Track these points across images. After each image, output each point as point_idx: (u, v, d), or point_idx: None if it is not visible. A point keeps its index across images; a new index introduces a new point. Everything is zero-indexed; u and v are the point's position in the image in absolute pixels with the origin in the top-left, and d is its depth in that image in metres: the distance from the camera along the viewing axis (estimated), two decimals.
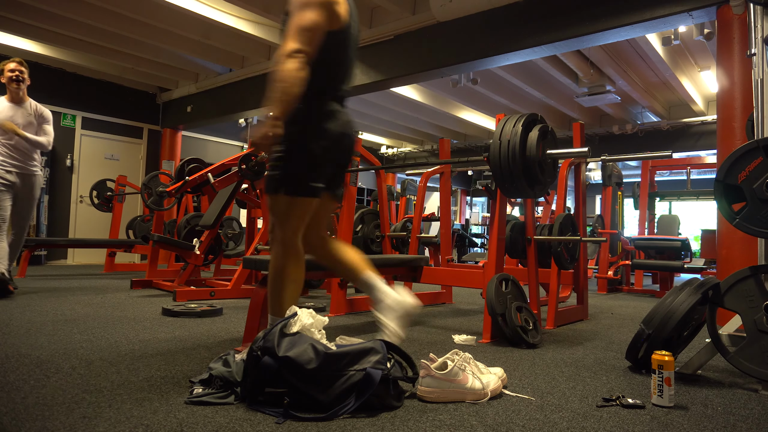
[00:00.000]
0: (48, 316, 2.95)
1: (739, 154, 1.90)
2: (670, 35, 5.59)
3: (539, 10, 4.73)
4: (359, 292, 4.73)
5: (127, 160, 8.67)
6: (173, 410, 1.44)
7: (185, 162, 5.21)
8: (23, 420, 1.33)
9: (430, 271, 3.18)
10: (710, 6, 3.94)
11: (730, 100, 3.83)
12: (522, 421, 1.46)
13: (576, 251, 3.44)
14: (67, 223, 7.99)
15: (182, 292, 3.81)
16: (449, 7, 5.08)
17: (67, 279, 5.27)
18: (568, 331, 3.05)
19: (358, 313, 3.50)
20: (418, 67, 5.59)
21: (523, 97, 8.35)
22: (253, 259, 2.38)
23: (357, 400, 1.45)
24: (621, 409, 1.60)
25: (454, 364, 1.62)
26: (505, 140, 2.55)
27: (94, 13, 5.92)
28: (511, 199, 3.72)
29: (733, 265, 3.29)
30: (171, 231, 5.73)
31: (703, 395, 1.79)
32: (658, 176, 10.79)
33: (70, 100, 7.92)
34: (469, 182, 14.34)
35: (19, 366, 1.85)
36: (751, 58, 2.08)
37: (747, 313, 1.88)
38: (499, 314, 2.53)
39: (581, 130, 3.75)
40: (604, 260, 5.75)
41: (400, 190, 8.01)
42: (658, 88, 8.01)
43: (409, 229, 5.14)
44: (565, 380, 1.92)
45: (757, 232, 1.87)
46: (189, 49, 6.89)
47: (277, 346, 1.49)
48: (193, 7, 5.64)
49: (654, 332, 1.98)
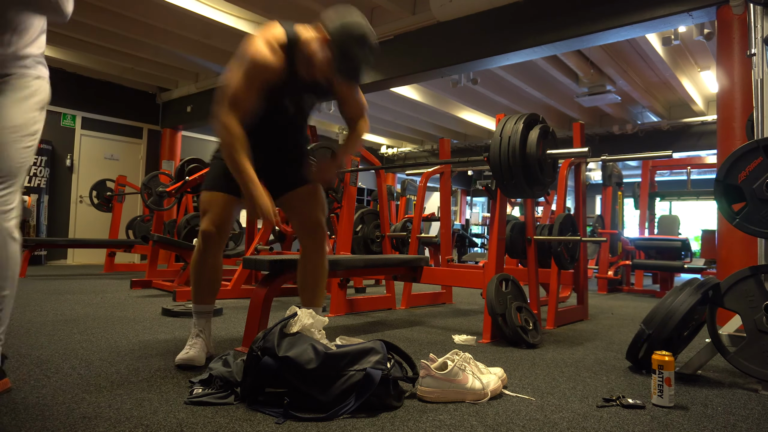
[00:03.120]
0: (48, 316, 2.95)
1: (739, 154, 1.90)
2: (670, 35, 5.59)
3: (539, 10, 4.73)
4: (359, 292, 4.74)
5: (126, 160, 8.67)
6: (173, 410, 1.44)
7: (185, 162, 5.21)
8: (23, 420, 1.33)
9: (430, 271, 3.18)
10: (710, 6, 3.95)
11: (730, 100, 3.83)
12: (522, 421, 1.46)
13: (576, 251, 3.43)
14: (67, 223, 7.99)
15: (182, 292, 3.81)
16: (449, 7, 5.09)
17: (67, 279, 5.27)
18: (569, 331, 3.05)
19: (358, 314, 3.50)
20: (418, 67, 5.60)
21: (523, 97, 8.35)
22: (253, 259, 2.38)
23: (357, 401, 1.45)
24: (621, 410, 1.60)
25: (454, 364, 1.62)
26: (506, 139, 2.55)
27: (94, 13, 5.92)
28: (511, 199, 3.72)
29: (733, 265, 3.29)
30: (171, 231, 5.73)
31: (703, 395, 1.79)
32: (658, 176, 10.79)
33: (70, 100, 7.92)
34: (469, 182, 14.34)
35: (19, 366, 1.85)
36: (751, 58, 2.08)
37: (747, 313, 1.88)
38: (499, 314, 2.52)
39: (581, 130, 3.75)
40: (604, 260, 5.75)
41: (400, 190, 8.02)
42: (658, 88, 8.01)
43: (409, 229, 5.14)
44: (566, 380, 1.92)
45: (757, 232, 1.87)
46: (189, 49, 6.89)
47: (277, 346, 1.49)
48: (193, 7, 5.64)
49: (654, 332, 1.98)
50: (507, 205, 2.95)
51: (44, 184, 7.37)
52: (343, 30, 1.78)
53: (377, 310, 3.70)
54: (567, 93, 8.11)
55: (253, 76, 1.83)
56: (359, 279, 4.82)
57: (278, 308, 3.56)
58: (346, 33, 1.78)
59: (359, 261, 2.89)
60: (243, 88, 1.83)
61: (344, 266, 2.74)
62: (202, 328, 2.03)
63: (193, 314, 2.05)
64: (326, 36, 1.81)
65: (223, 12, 5.89)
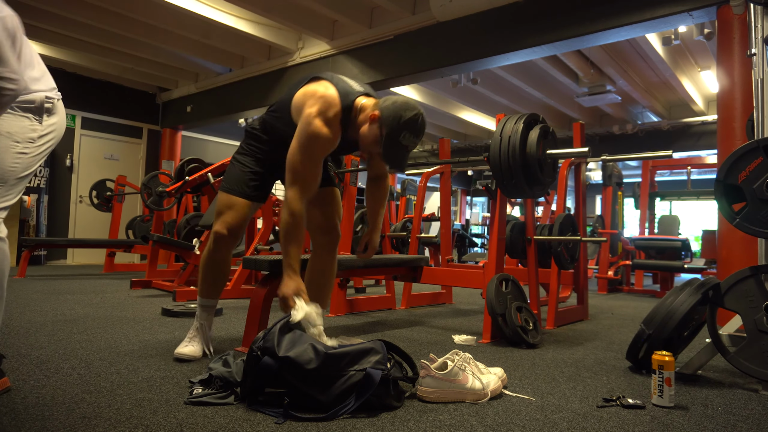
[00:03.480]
0: (48, 316, 2.95)
1: (739, 154, 1.90)
2: (670, 35, 5.59)
3: (539, 9, 4.73)
4: (359, 292, 4.74)
5: (126, 160, 8.67)
6: (173, 410, 1.44)
7: (185, 162, 5.21)
8: (23, 420, 1.33)
9: (430, 271, 3.18)
10: (710, 6, 3.94)
11: (730, 100, 3.83)
12: (522, 421, 1.46)
13: (576, 251, 3.43)
14: (67, 223, 7.99)
15: (182, 292, 3.81)
16: (449, 7, 5.08)
17: (66, 279, 5.27)
18: (569, 332, 3.05)
19: (358, 314, 3.50)
20: (418, 67, 5.59)
21: (523, 97, 8.35)
22: (253, 259, 2.38)
23: (357, 401, 1.45)
24: (621, 410, 1.60)
25: (454, 364, 1.62)
26: (506, 139, 2.55)
27: (94, 13, 5.92)
28: (511, 199, 3.72)
29: (733, 265, 3.29)
30: (171, 231, 5.72)
31: (703, 395, 1.79)
32: (659, 176, 10.78)
33: (70, 100, 7.90)
34: (469, 182, 14.34)
35: (19, 366, 1.85)
36: (751, 58, 2.08)
37: (747, 313, 1.88)
38: (499, 314, 2.52)
39: (581, 130, 3.75)
40: (605, 260, 5.75)
41: (400, 190, 8.01)
42: (658, 88, 8.01)
43: (409, 229, 5.14)
44: (566, 380, 1.92)
45: (757, 232, 1.87)
46: (189, 49, 6.89)
47: (277, 346, 1.49)
48: (193, 7, 5.65)
49: (654, 332, 1.98)
50: (507, 205, 2.95)
51: (44, 184, 7.37)
52: (396, 116, 1.75)
53: (377, 310, 3.70)
54: (567, 93, 8.11)
55: (317, 157, 1.84)
56: (359, 279, 4.82)
57: (278, 308, 3.55)
58: (397, 118, 1.75)
59: (359, 261, 2.89)
60: (310, 170, 1.84)
61: (344, 266, 2.74)
62: (203, 321, 2.12)
63: (197, 306, 2.15)
64: (378, 113, 1.79)
65: (223, 12, 5.89)
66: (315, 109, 1.80)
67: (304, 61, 6.60)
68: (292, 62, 6.73)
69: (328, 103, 1.82)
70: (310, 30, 5.97)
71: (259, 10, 5.47)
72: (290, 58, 6.74)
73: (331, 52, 6.27)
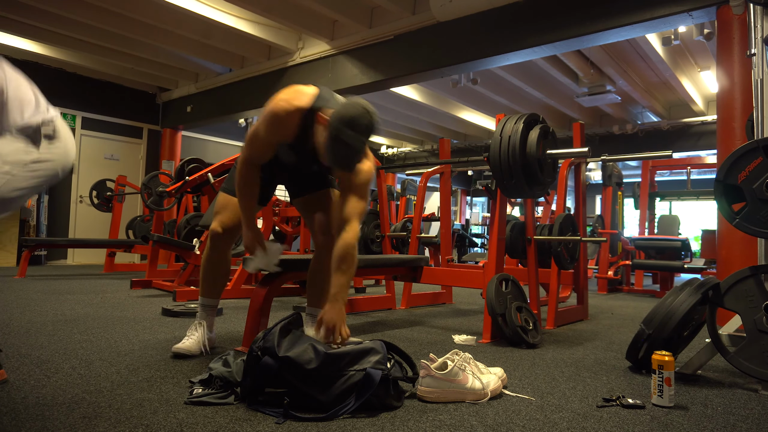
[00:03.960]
0: (48, 316, 2.95)
1: (739, 154, 1.90)
2: (670, 35, 5.59)
3: (539, 10, 4.73)
4: (359, 292, 4.74)
5: (127, 160, 8.67)
6: (173, 410, 1.44)
7: (185, 162, 5.21)
8: (23, 420, 1.33)
9: (430, 271, 3.18)
10: (710, 6, 3.95)
11: (730, 100, 3.83)
12: (522, 421, 1.46)
13: (576, 251, 3.43)
14: (67, 223, 7.99)
15: (182, 292, 3.81)
16: (449, 7, 5.09)
17: (67, 279, 5.27)
18: (568, 331, 3.05)
19: (358, 314, 3.50)
20: (418, 67, 5.60)
21: (523, 97, 8.35)
22: None
23: (357, 401, 1.45)
24: (621, 410, 1.60)
25: (454, 364, 1.62)
26: (506, 139, 2.55)
27: (94, 13, 5.92)
28: (511, 199, 3.72)
29: (733, 265, 3.29)
30: (171, 231, 5.73)
31: (703, 395, 1.79)
32: (658, 176, 10.78)
33: (70, 100, 7.91)
34: (469, 182, 14.34)
35: (19, 366, 1.85)
36: (751, 58, 2.08)
37: (747, 313, 1.88)
38: (499, 314, 2.52)
39: (581, 130, 3.75)
40: (604, 260, 5.75)
41: (400, 190, 8.01)
42: (658, 88, 8.01)
43: (409, 229, 5.14)
44: (566, 380, 1.92)
45: (757, 232, 1.87)
46: (189, 49, 6.89)
47: (277, 346, 1.49)
48: (193, 7, 5.65)
49: (654, 332, 1.98)
50: (507, 205, 2.95)
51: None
52: (338, 114, 1.70)
53: (377, 310, 3.70)
54: (567, 93, 8.11)
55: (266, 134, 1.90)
56: (359, 279, 4.82)
57: (278, 308, 3.56)
58: (338, 116, 1.70)
59: (359, 261, 2.88)
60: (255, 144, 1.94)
61: None
62: (202, 320, 2.16)
63: (198, 306, 2.21)
64: (326, 117, 1.75)
65: (223, 12, 5.90)
66: (285, 95, 1.88)
67: (304, 61, 6.60)
68: (292, 62, 6.74)
69: (300, 93, 1.87)
70: (310, 30, 5.97)
71: (259, 10, 5.47)
72: (290, 58, 6.74)
73: (331, 52, 6.28)
